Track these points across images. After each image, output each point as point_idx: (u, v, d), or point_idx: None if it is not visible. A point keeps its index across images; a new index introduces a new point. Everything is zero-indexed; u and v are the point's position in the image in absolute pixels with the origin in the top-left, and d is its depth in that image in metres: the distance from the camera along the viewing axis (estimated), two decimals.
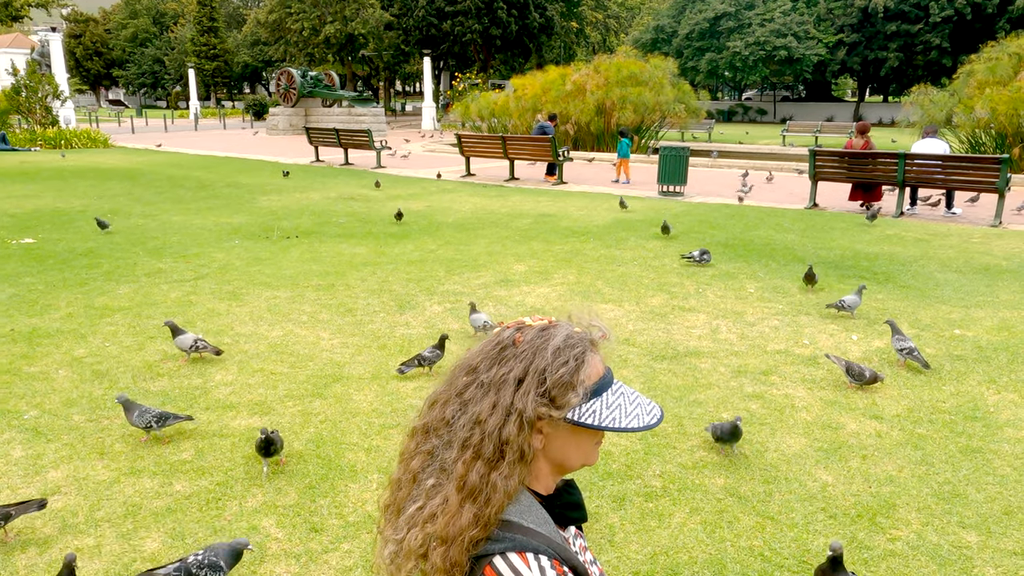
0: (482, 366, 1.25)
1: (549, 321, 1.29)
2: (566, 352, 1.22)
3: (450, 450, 1.22)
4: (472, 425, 1.20)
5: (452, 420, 1.24)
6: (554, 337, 1.25)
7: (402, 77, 73.42)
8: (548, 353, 1.21)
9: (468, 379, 1.26)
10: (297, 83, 31.25)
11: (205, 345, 4.89)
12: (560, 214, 11.31)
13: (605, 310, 6.25)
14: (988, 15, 41.38)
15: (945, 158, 11.69)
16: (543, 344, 1.23)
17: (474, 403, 1.23)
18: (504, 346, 1.25)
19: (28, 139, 24.04)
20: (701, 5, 49.87)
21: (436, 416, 1.28)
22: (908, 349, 4.97)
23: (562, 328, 1.29)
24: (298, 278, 7.23)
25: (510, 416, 1.18)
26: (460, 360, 1.32)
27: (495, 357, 1.24)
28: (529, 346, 1.23)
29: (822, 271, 7.63)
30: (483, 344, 1.30)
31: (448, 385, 1.30)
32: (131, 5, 77.67)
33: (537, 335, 1.25)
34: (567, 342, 1.24)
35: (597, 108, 22.29)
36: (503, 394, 1.20)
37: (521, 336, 1.24)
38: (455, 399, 1.26)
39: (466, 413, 1.22)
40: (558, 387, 1.19)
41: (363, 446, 3.86)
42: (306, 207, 11.88)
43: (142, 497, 3.37)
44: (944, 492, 3.44)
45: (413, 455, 1.28)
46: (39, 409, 4.25)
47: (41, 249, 8.50)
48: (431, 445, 1.26)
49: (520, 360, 1.21)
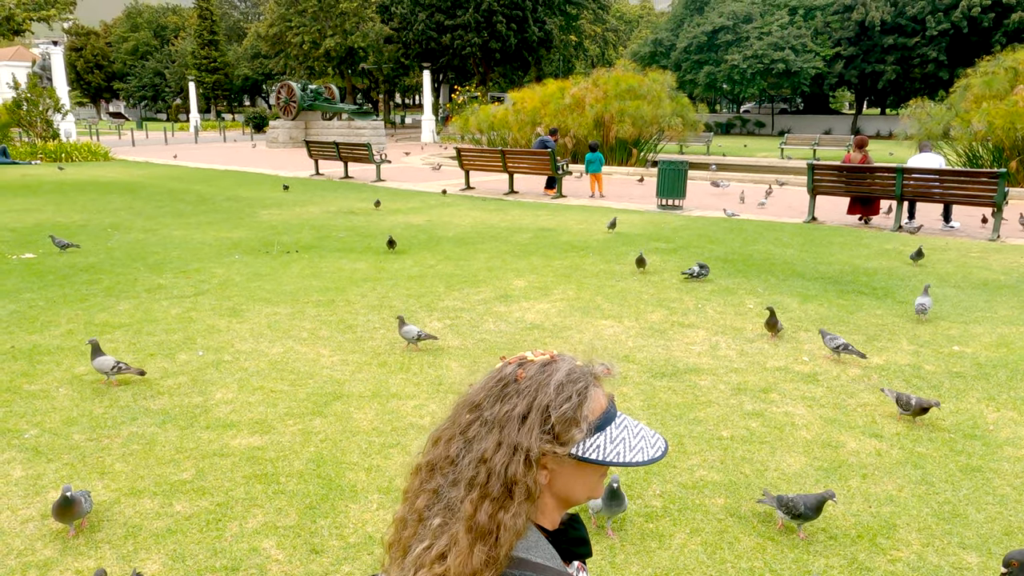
0: (485, 403, 1.26)
1: (551, 356, 1.30)
2: (569, 387, 1.23)
3: (456, 489, 1.22)
4: (478, 464, 1.21)
5: (457, 458, 1.24)
6: (556, 372, 1.25)
7: (402, 90, 73.72)
8: (551, 389, 1.22)
9: (471, 416, 1.26)
10: (297, 96, 31.39)
11: (126, 367, 4.84)
12: (560, 228, 11.34)
13: (605, 326, 6.26)
14: (984, 29, 41.66)
15: (943, 172, 11.74)
16: (546, 380, 1.24)
17: (479, 441, 1.23)
18: (506, 382, 1.25)
19: (29, 152, 24.11)
20: (699, 19, 50.20)
21: (440, 454, 1.28)
22: (843, 345, 5.33)
23: (564, 363, 1.29)
24: (298, 294, 7.25)
25: (516, 454, 1.18)
26: (463, 396, 1.33)
27: (498, 394, 1.25)
28: (532, 382, 1.23)
29: (821, 287, 7.66)
30: (485, 380, 1.30)
31: (451, 422, 1.30)
32: (132, 18, 78.12)
33: (539, 371, 1.25)
34: (569, 377, 1.25)
35: (596, 121, 22.39)
36: (507, 432, 1.20)
37: (523, 372, 1.25)
38: (459, 436, 1.26)
39: (471, 451, 1.23)
40: (562, 423, 1.20)
41: (363, 466, 3.86)
42: (306, 221, 11.91)
43: (142, 518, 3.36)
44: (944, 512, 3.44)
45: (418, 493, 1.28)
46: (39, 428, 4.25)
47: (42, 264, 8.51)
48: (436, 483, 1.26)
49: (523, 396, 1.22)
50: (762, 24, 47.45)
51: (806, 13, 48.28)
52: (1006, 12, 40.82)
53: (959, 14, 41.61)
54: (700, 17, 50.49)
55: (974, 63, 21.83)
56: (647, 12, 79.13)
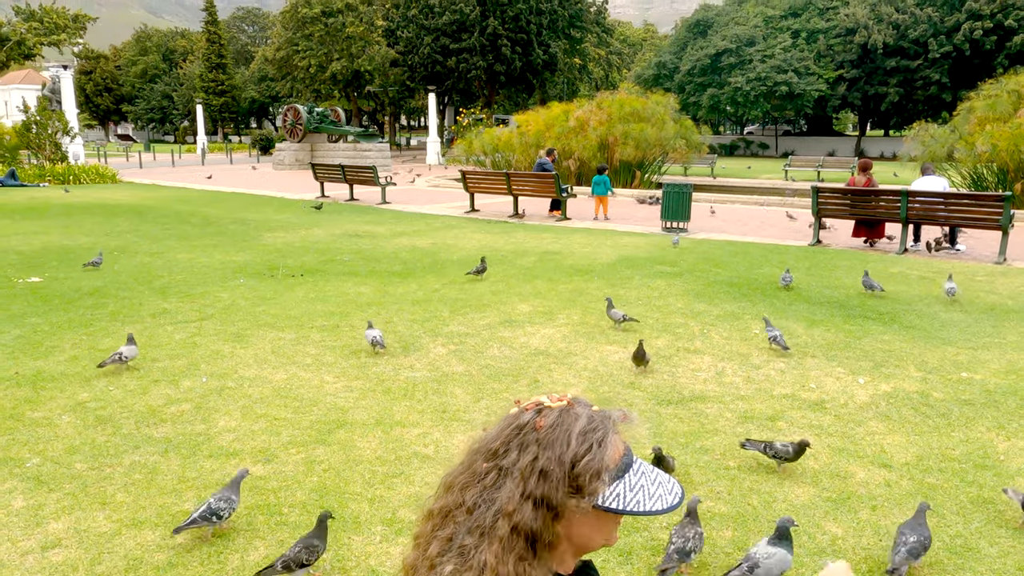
0: (502, 451, 1.24)
1: (568, 402, 1.28)
2: (589, 437, 1.21)
3: (472, 537, 1.19)
4: (497, 515, 1.18)
5: (474, 507, 1.22)
6: (577, 421, 1.24)
7: (407, 112, 74.26)
8: (572, 439, 1.20)
9: (488, 464, 1.24)
10: (303, 119, 31.64)
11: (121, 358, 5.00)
12: (564, 251, 11.34)
13: (610, 352, 6.23)
14: (987, 51, 41.86)
15: (948, 195, 11.73)
16: (565, 429, 1.22)
17: (497, 490, 1.20)
18: (525, 431, 1.23)
19: (37, 175, 24.30)
20: (703, 42, 50.58)
21: (454, 501, 1.25)
22: (774, 337, 6.13)
23: (582, 409, 1.27)
24: (303, 319, 7.24)
25: (539, 507, 1.17)
26: (478, 442, 1.30)
27: (517, 443, 1.23)
28: (551, 432, 1.22)
29: (827, 312, 7.62)
30: (501, 427, 1.28)
31: (466, 468, 1.27)
32: (141, 42, 79.13)
33: (558, 419, 1.23)
34: (590, 425, 1.23)
35: (600, 144, 22.50)
36: (529, 484, 1.18)
37: (542, 421, 1.23)
38: (476, 485, 1.24)
39: (490, 501, 1.20)
40: (584, 475, 1.18)
41: (366, 496, 3.82)
42: (311, 244, 11.94)
43: (143, 550, 3.33)
44: (956, 546, 3.39)
45: (430, 540, 1.25)
46: (41, 456, 4.23)
47: (47, 288, 8.53)
48: (450, 531, 1.23)
49: (543, 447, 1.20)
50: (765, 47, 47.77)
51: (809, 36, 48.63)
52: (1008, 35, 41.02)
53: (961, 37, 41.84)
54: (703, 40, 50.88)
55: (977, 85, 21.91)
56: (651, 35, 79.86)
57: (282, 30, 48.81)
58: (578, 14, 49.82)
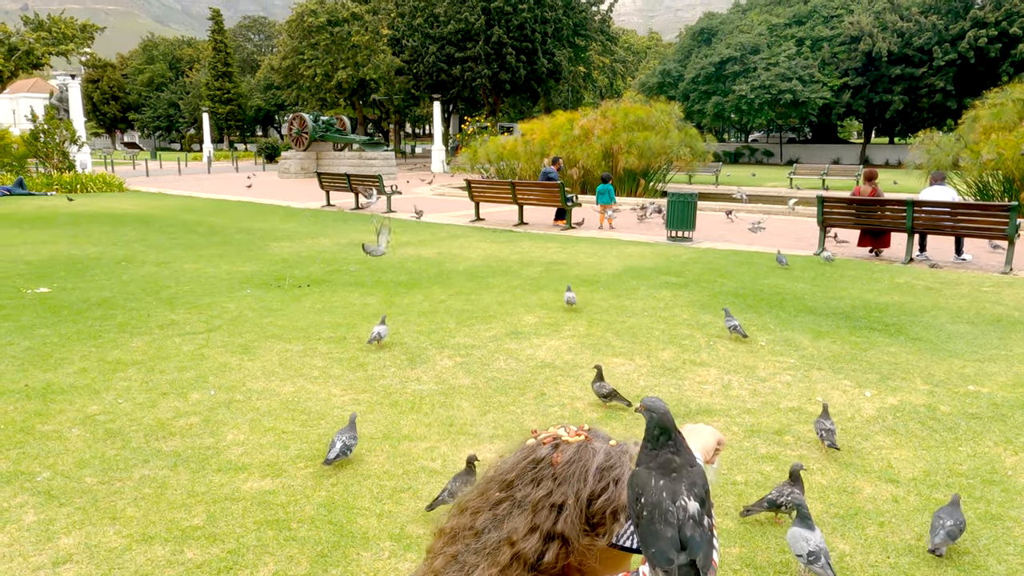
0: (518, 483, 1.26)
1: (586, 437, 1.29)
2: (607, 475, 1.22)
3: (476, 557, 1.23)
4: (502, 543, 1.21)
5: (481, 531, 1.24)
6: (594, 457, 1.25)
7: (412, 120, 74.54)
8: (589, 477, 1.21)
9: (502, 495, 1.26)
10: (309, 127, 31.79)
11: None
12: (570, 262, 11.36)
13: (616, 364, 6.24)
14: (991, 59, 41.87)
15: (954, 205, 11.73)
16: (583, 466, 1.23)
17: (507, 520, 1.23)
18: (541, 466, 1.25)
19: (45, 183, 24.46)
20: (707, 50, 50.70)
21: (464, 523, 1.28)
22: (733, 326, 6.84)
23: (600, 444, 1.29)
24: (310, 330, 7.27)
25: (550, 542, 1.18)
26: (493, 470, 1.33)
27: (531, 476, 1.25)
28: (568, 468, 1.23)
29: (833, 323, 7.62)
30: (517, 458, 1.30)
31: (480, 494, 1.30)
32: (148, 51, 79.64)
33: (575, 454, 1.25)
34: (607, 462, 1.25)
35: (604, 152, 22.56)
36: (539, 517, 1.20)
37: (559, 457, 1.25)
38: (487, 511, 1.26)
39: (498, 529, 1.23)
40: (600, 514, 1.19)
41: (375, 511, 3.84)
42: (317, 254, 11.99)
43: (153, 566, 3.35)
44: (964, 563, 3.38)
45: (437, 555, 1.30)
46: (51, 470, 4.26)
47: (56, 299, 8.58)
48: (456, 549, 1.27)
49: (559, 483, 1.21)
50: (769, 55, 47.87)
51: (813, 44, 48.72)
52: (1013, 43, 41.04)
53: (966, 45, 41.87)
54: (708, 48, 51.01)
55: (981, 93, 21.93)
56: (655, 43, 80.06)
57: (288, 39, 49.10)
58: (582, 22, 50.02)
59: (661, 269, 10.68)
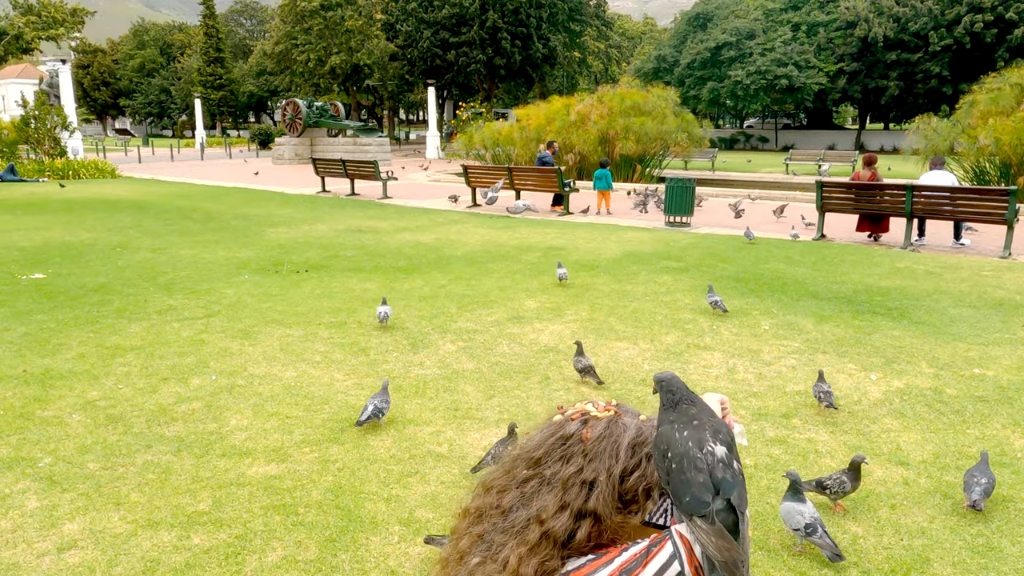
0: (545, 460, 1.22)
1: (615, 412, 1.25)
2: (639, 451, 1.18)
3: (504, 536, 1.19)
4: (532, 522, 1.17)
5: (509, 510, 1.21)
6: (625, 432, 1.21)
7: (406, 106, 74.10)
8: (621, 452, 1.17)
9: (530, 472, 1.23)
10: (303, 113, 31.54)
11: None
12: (569, 247, 11.31)
13: (620, 348, 6.20)
14: (987, 44, 41.77)
15: (953, 190, 11.70)
16: (614, 441, 1.19)
17: (536, 498, 1.19)
18: (570, 443, 1.21)
19: (36, 170, 24.22)
20: (702, 35, 50.46)
21: (491, 502, 1.25)
22: (714, 302, 7.08)
23: (630, 419, 1.24)
24: (310, 315, 7.21)
25: (581, 520, 1.14)
26: (520, 448, 1.29)
27: (560, 453, 1.21)
28: (598, 444, 1.19)
29: (835, 307, 7.60)
30: (544, 435, 1.26)
31: (506, 473, 1.27)
32: (139, 36, 78.81)
33: (605, 430, 1.21)
34: (639, 437, 1.20)
35: (600, 138, 22.43)
36: (569, 494, 1.16)
37: (589, 433, 1.21)
38: (514, 490, 1.23)
39: (526, 507, 1.19)
40: (634, 492, 1.15)
41: (383, 496, 3.80)
42: (314, 240, 11.90)
43: (160, 551, 3.30)
44: (978, 545, 3.37)
45: (463, 535, 1.26)
46: (53, 456, 4.20)
47: (51, 285, 8.49)
48: (482, 528, 1.24)
49: (589, 459, 1.17)
50: (765, 40, 47.66)
51: (809, 29, 48.52)
52: (1009, 28, 40.95)
53: (961, 30, 41.75)
54: (703, 33, 50.76)
55: (977, 79, 21.87)
56: (650, 28, 79.67)
57: (280, 24, 48.65)
58: (577, 7, 49.67)
59: (661, 254, 10.64)
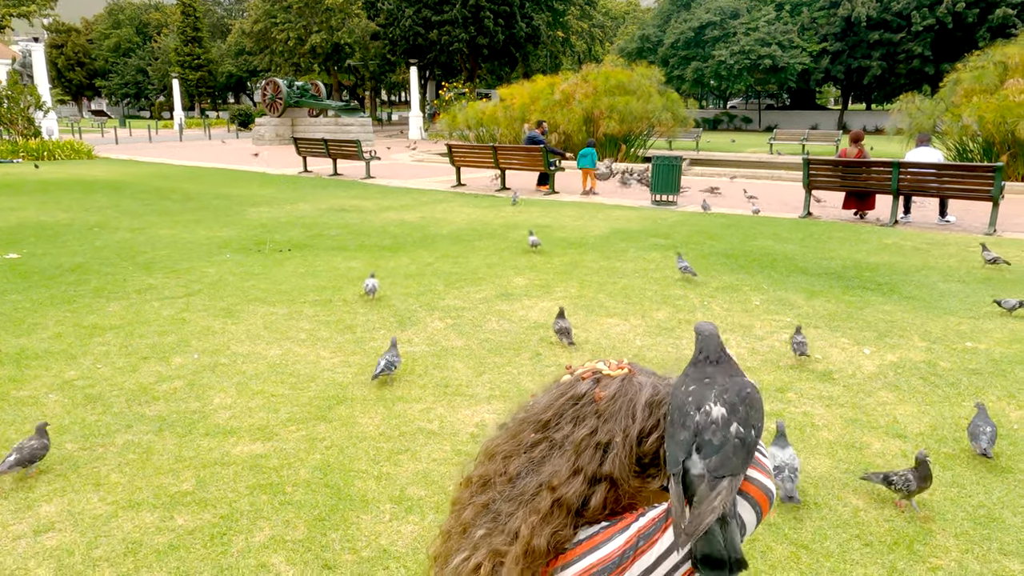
0: (555, 422, 1.14)
1: (629, 370, 1.16)
2: (657, 411, 1.10)
3: (511, 505, 1.11)
4: (542, 489, 1.09)
5: (516, 477, 1.13)
6: (642, 390, 1.12)
7: (388, 87, 73.32)
8: (638, 412, 1.09)
9: (537, 436, 1.14)
10: (283, 93, 31.04)
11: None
12: (555, 225, 11.19)
13: (611, 324, 6.12)
14: (969, 24, 41.88)
15: (939, 166, 11.70)
16: (629, 400, 1.10)
17: (546, 463, 1.11)
18: (582, 403, 1.12)
19: (10, 151, 23.64)
20: (686, 15, 50.19)
21: (496, 469, 1.17)
22: (684, 267, 7.40)
23: (645, 378, 1.16)
24: (294, 293, 7.05)
25: (596, 484, 1.06)
26: (525, 411, 1.20)
27: (571, 415, 1.12)
28: (612, 404, 1.10)
29: (825, 283, 7.56)
30: (552, 395, 1.17)
31: (511, 437, 1.18)
32: (114, 15, 77.11)
33: (620, 389, 1.12)
34: (656, 396, 1.12)
35: (585, 117, 22.24)
36: (582, 459, 1.08)
37: (601, 392, 1.12)
38: (522, 455, 1.15)
39: (536, 473, 1.11)
40: (653, 455, 1.07)
41: (372, 473, 3.69)
42: (297, 219, 11.69)
43: (142, 533, 3.18)
44: (980, 516, 3.32)
45: (466, 505, 1.19)
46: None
47: (26, 264, 8.26)
48: (487, 497, 1.16)
49: (604, 420, 1.09)
50: (749, 20, 47.49)
51: (792, 9, 48.39)
52: (990, 8, 41.04)
53: (944, 9, 41.81)
54: (687, 13, 50.49)
55: (959, 58, 21.88)
56: (633, 8, 79.16)
57: (259, 2, 47.75)
58: None
59: (649, 231, 10.55)
